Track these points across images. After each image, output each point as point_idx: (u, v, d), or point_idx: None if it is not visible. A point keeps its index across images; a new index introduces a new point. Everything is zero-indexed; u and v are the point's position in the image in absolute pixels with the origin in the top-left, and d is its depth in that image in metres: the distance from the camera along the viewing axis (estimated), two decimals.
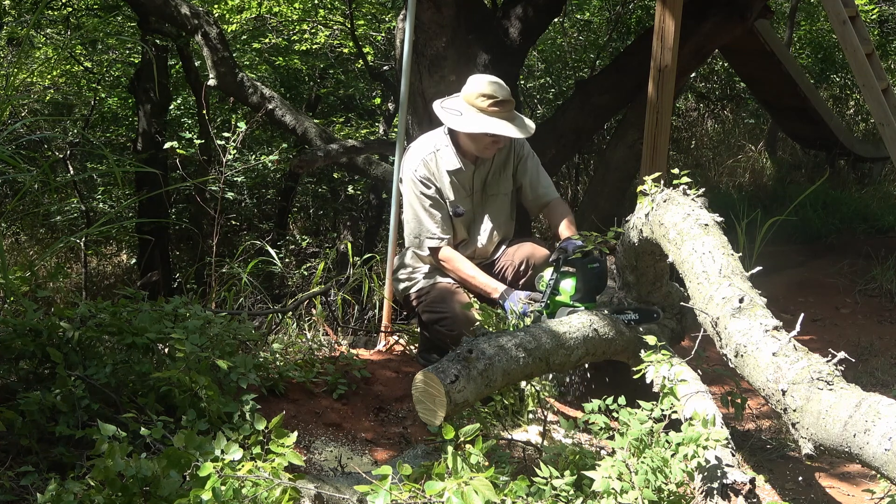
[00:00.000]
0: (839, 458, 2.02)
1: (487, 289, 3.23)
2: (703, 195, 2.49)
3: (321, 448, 2.59)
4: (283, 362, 3.04)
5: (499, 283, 3.25)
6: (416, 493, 1.77)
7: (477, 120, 3.18)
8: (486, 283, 3.24)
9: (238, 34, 7.93)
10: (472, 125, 3.19)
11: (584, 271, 2.88)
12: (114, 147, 9.01)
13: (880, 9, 10.11)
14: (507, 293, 3.16)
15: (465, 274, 3.28)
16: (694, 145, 9.93)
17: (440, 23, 4.47)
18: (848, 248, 6.41)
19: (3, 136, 2.73)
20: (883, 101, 5.21)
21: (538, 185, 3.45)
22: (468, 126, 3.19)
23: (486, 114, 3.18)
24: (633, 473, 1.92)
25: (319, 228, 9.87)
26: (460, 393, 2.12)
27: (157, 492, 1.81)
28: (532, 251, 3.38)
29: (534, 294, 3.07)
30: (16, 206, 6.38)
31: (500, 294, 3.17)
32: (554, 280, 2.93)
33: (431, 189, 3.30)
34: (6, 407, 2.14)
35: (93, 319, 2.55)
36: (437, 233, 3.30)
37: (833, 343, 4.16)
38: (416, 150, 3.38)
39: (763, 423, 3.48)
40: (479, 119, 3.18)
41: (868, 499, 2.54)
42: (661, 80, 4.06)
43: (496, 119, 3.18)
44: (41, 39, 8.02)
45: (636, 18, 8.81)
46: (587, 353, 2.58)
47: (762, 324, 1.96)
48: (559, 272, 2.93)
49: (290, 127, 5.96)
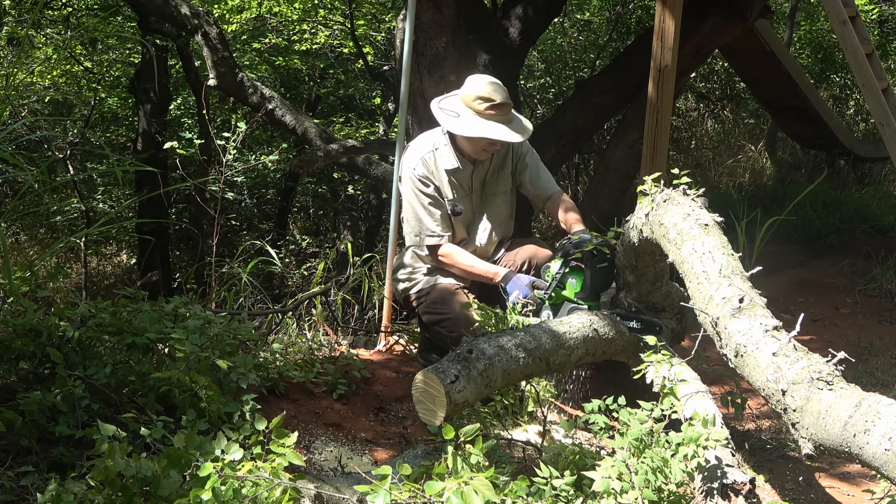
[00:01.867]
0: (839, 458, 2.02)
1: (489, 274, 3.24)
2: (703, 195, 2.48)
3: (321, 448, 2.59)
4: (283, 362, 3.04)
5: (500, 268, 3.26)
6: (416, 493, 1.77)
7: (473, 123, 3.18)
8: (486, 270, 3.25)
9: (238, 34, 7.93)
10: (468, 129, 3.18)
11: (593, 270, 2.87)
12: (114, 147, 9.01)
13: (880, 9, 10.11)
14: (508, 276, 3.17)
15: (465, 265, 3.28)
16: (694, 145, 9.93)
17: (440, 23, 4.48)
18: (848, 248, 6.41)
19: (3, 135, 2.73)
20: (883, 101, 5.21)
21: (538, 179, 3.45)
22: (464, 129, 3.19)
23: (483, 117, 3.17)
24: (633, 473, 1.92)
25: (319, 228, 9.87)
26: (460, 393, 2.12)
27: (157, 492, 1.81)
28: (534, 252, 3.38)
29: (538, 281, 3.08)
30: (16, 206, 6.38)
31: (502, 277, 3.18)
32: (561, 275, 2.94)
33: (430, 187, 3.30)
34: (6, 407, 2.14)
35: (93, 319, 2.55)
36: (436, 230, 3.30)
37: (833, 343, 4.16)
38: (415, 148, 3.37)
39: (763, 423, 3.48)
40: (476, 122, 3.17)
41: (868, 499, 2.54)
42: (661, 80, 4.06)
43: (493, 123, 3.17)
44: (41, 39, 8.02)
45: (636, 18, 8.81)
46: (587, 353, 2.58)
47: (762, 324, 1.96)
48: (568, 267, 2.93)
49: (290, 127, 5.97)
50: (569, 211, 3.36)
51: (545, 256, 3.33)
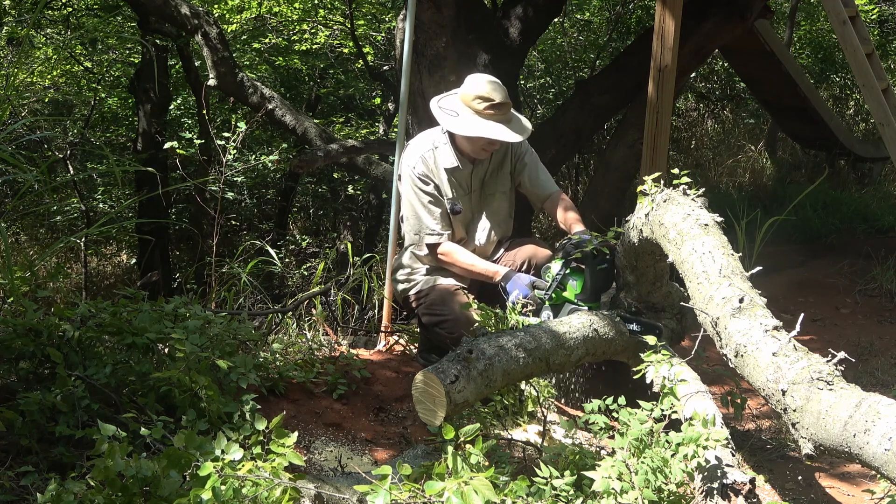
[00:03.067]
0: (839, 458, 2.02)
1: (489, 273, 3.24)
2: (703, 195, 2.49)
3: (321, 448, 2.59)
4: (283, 362, 3.04)
5: (500, 267, 3.26)
6: (416, 493, 1.77)
7: (472, 123, 3.18)
8: (486, 269, 3.26)
9: (238, 34, 7.93)
10: (467, 128, 3.18)
11: (593, 271, 2.88)
12: (114, 147, 9.01)
13: (880, 9, 10.11)
14: (508, 275, 3.17)
15: (465, 263, 3.28)
16: (694, 145, 9.93)
17: (440, 23, 4.48)
18: (848, 248, 6.41)
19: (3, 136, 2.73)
20: (883, 101, 5.21)
21: (537, 178, 3.44)
22: (463, 129, 3.19)
23: (482, 117, 3.17)
24: (633, 473, 1.92)
25: (319, 228, 9.87)
26: (460, 393, 2.12)
27: (157, 492, 1.81)
28: (534, 252, 3.38)
29: (538, 281, 3.08)
30: (16, 206, 6.38)
31: (502, 276, 3.18)
32: (562, 276, 2.94)
33: (430, 186, 3.29)
34: (6, 407, 2.14)
35: (93, 319, 2.55)
36: (436, 228, 3.30)
37: (833, 343, 4.16)
38: (415, 147, 3.37)
39: (763, 423, 3.48)
40: (475, 122, 3.17)
41: (868, 499, 2.54)
42: (661, 80, 4.06)
43: (492, 122, 3.17)
44: (41, 39, 8.02)
45: (636, 18, 8.82)
46: (587, 353, 2.58)
47: (762, 324, 1.96)
48: (569, 268, 2.93)
49: (290, 127, 5.97)
50: (568, 210, 3.36)
51: (545, 256, 3.33)
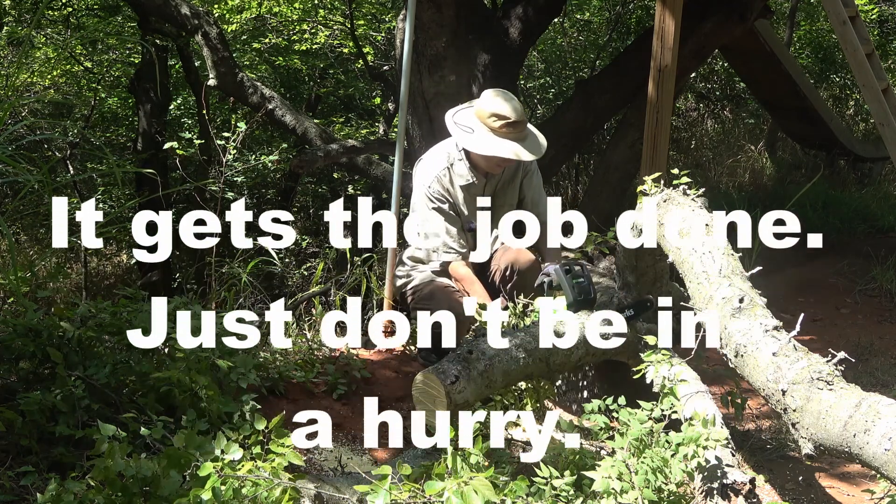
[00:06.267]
0: (839, 458, 2.02)
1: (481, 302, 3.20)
2: (703, 195, 2.49)
3: (321, 448, 2.59)
4: (283, 362, 3.04)
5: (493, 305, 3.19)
6: (416, 493, 1.77)
7: (488, 141, 3.16)
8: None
9: (238, 34, 7.93)
10: (482, 147, 3.17)
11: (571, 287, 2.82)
12: (114, 147, 9.01)
13: (880, 9, 10.11)
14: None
15: (466, 289, 3.26)
16: (694, 145, 9.93)
17: (440, 23, 4.48)
18: (848, 248, 6.40)
19: (4, 136, 2.73)
20: (883, 101, 5.21)
21: (539, 203, 3.44)
22: (479, 147, 3.18)
23: (498, 135, 3.16)
24: (633, 473, 1.92)
25: (319, 228, 9.86)
26: (460, 394, 2.12)
27: (157, 492, 1.82)
28: (516, 256, 3.30)
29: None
30: (16, 206, 6.38)
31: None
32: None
33: (446, 205, 3.28)
34: (6, 407, 2.14)
35: (93, 319, 2.55)
36: (454, 247, 3.28)
37: (833, 343, 4.13)
38: (430, 164, 3.34)
39: (763, 423, 3.48)
40: (490, 140, 3.16)
41: (868, 499, 2.54)
42: (661, 80, 4.06)
43: (507, 141, 3.16)
44: (41, 39, 8.01)
45: (636, 18, 8.82)
46: (587, 353, 2.58)
47: (762, 324, 1.96)
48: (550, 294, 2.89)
49: (290, 127, 5.96)
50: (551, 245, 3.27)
51: (527, 261, 3.27)
